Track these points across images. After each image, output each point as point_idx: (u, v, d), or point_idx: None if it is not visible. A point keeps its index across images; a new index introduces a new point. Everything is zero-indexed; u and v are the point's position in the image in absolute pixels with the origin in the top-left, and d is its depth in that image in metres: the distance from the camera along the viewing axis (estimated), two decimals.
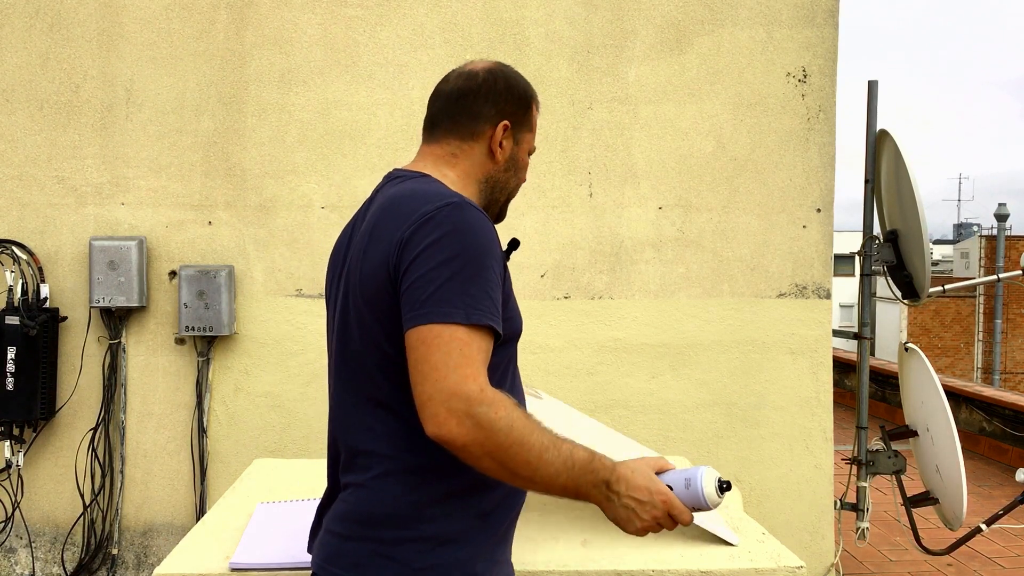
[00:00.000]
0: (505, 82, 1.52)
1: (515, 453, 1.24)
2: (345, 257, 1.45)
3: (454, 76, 1.54)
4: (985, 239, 22.52)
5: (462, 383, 1.22)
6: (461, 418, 1.21)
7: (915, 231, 3.35)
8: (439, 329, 1.24)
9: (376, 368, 1.36)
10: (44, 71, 3.36)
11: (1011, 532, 4.43)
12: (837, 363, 7.01)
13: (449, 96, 1.52)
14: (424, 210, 1.32)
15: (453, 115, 1.51)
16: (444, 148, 1.51)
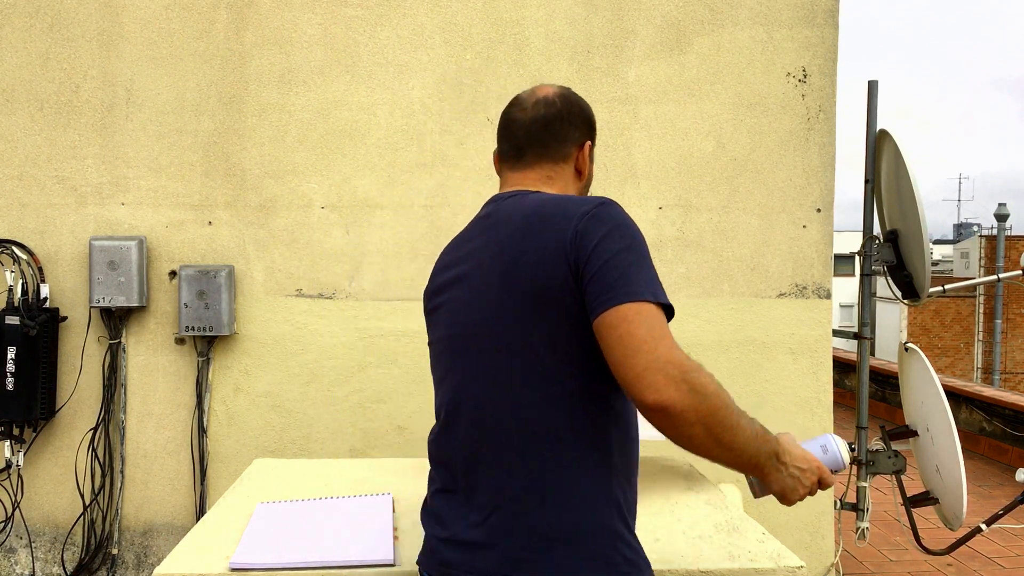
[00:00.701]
0: (579, 105, 1.64)
1: (723, 417, 1.27)
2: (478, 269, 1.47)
3: (530, 105, 1.62)
4: (985, 239, 22.53)
5: (671, 351, 1.26)
6: (679, 384, 1.24)
7: (915, 231, 3.35)
8: (636, 307, 1.29)
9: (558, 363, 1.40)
10: (44, 71, 3.36)
11: (1011, 532, 4.43)
12: (837, 363, 7.02)
13: (534, 124, 1.61)
14: (585, 209, 1.40)
15: (543, 141, 1.61)
16: (538, 172, 1.61)
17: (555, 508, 1.37)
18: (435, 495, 1.51)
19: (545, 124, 1.61)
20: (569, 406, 1.38)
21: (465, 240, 1.56)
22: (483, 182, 3.38)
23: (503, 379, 1.41)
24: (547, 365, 1.38)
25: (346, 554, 1.78)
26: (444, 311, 1.53)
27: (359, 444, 3.41)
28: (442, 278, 1.56)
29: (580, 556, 1.36)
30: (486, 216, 1.55)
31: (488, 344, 1.43)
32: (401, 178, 3.38)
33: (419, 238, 3.39)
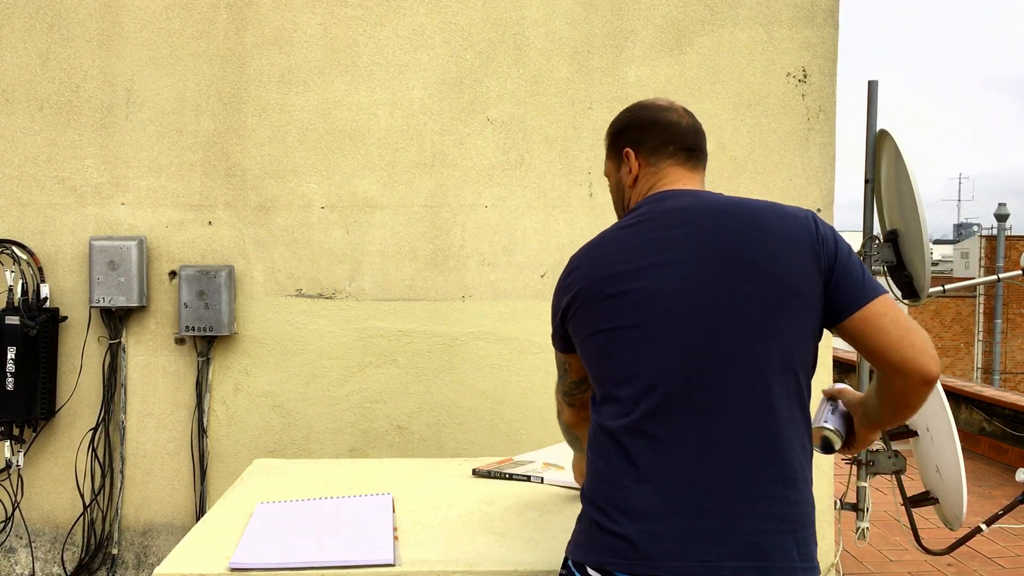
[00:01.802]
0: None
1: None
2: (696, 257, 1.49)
3: (681, 111, 1.75)
4: (985, 239, 22.53)
5: (920, 331, 1.46)
6: (936, 360, 1.44)
7: (915, 231, 3.35)
8: (888, 298, 1.47)
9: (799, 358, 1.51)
10: (44, 71, 3.36)
11: (1011, 532, 4.43)
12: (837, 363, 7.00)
13: (695, 131, 1.76)
14: (806, 212, 1.55)
15: (702, 147, 1.79)
16: (702, 174, 1.79)
17: (800, 492, 1.45)
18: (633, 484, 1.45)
19: (700, 133, 1.78)
20: (801, 395, 1.49)
21: (659, 228, 1.55)
22: (483, 182, 3.38)
23: (745, 366, 1.44)
24: (790, 355, 1.46)
25: (346, 554, 1.78)
26: (648, 294, 1.49)
27: (359, 444, 3.41)
28: (631, 265, 1.52)
29: (813, 537, 1.46)
30: (683, 209, 1.57)
31: (726, 330, 1.45)
32: (401, 178, 3.38)
33: (419, 238, 3.39)
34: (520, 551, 1.90)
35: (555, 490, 2.33)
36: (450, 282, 3.40)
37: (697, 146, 1.75)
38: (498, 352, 3.40)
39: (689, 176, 1.72)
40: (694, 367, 1.44)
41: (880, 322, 1.45)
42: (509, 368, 3.40)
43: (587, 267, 1.57)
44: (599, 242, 1.60)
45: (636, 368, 1.47)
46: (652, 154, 1.69)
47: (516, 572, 1.80)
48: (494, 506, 2.22)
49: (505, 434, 3.40)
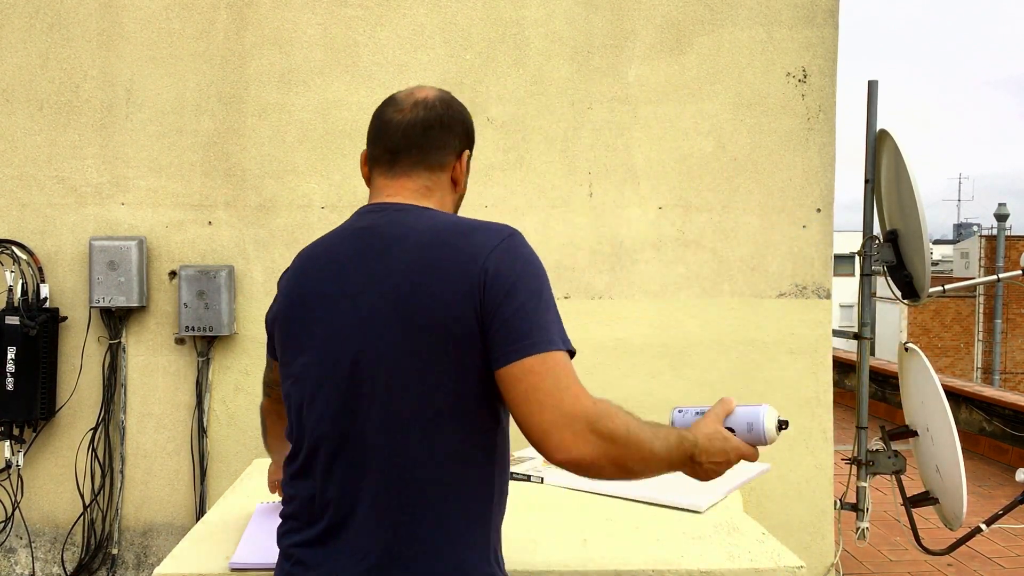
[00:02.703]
0: (460, 111, 1.52)
1: (632, 455, 1.30)
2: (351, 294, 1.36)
3: (408, 106, 1.48)
4: (985, 239, 22.53)
5: (576, 402, 1.25)
6: (586, 437, 1.24)
7: (915, 231, 3.35)
8: (542, 358, 1.27)
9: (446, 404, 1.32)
10: (44, 71, 3.36)
11: (1011, 532, 4.43)
12: (837, 363, 7.02)
13: (412, 127, 1.47)
14: (494, 243, 1.35)
15: (421, 146, 1.47)
16: (415, 182, 1.47)
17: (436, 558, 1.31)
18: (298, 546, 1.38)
19: (424, 128, 1.47)
20: (460, 456, 1.33)
21: (337, 253, 1.41)
22: (483, 182, 3.38)
23: (393, 421, 1.31)
24: (441, 410, 1.30)
25: None
26: (315, 331, 1.38)
27: None
28: (303, 290, 1.42)
29: None
30: (363, 230, 1.41)
31: (378, 379, 1.32)
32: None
33: None
34: (520, 551, 1.90)
35: (555, 490, 2.33)
36: None
37: (402, 147, 1.46)
38: None
39: (395, 186, 1.46)
40: (346, 421, 1.33)
41: (515, 389, 1.26)
42: None
43: (287, 284, 1.48)
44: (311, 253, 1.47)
45: (295, 411, 1.41)
46: (370, 162, 1.51)
47: (516, 572, 1.80)
48: None
49: None
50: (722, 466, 1.45)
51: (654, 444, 1.33)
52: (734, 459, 1.46)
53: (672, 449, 1.37)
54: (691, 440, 1.41)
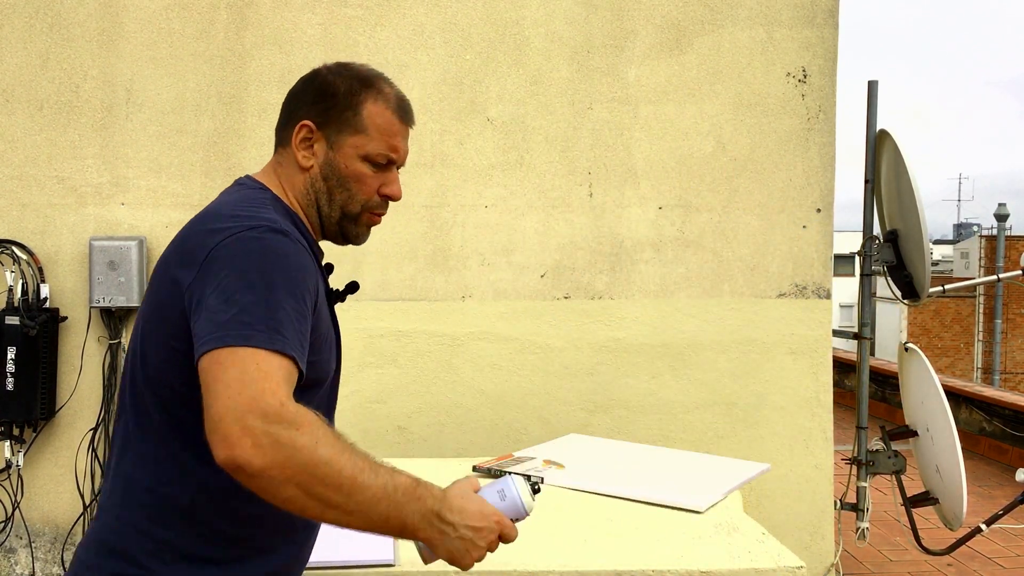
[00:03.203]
0: (322, 80, 1.37)
1: (324, 475, 1.09)
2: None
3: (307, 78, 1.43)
4: (985, 239, 22.53)
5: (259, 397, 1.08)
6: (258, 437, 1.06)
7: (915, 231, 3.35)
8: (235, 349, 1.11)
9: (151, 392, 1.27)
10: (44, 71, 3.36)
11: (1011, 532, 4.43)
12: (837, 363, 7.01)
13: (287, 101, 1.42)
14: (230, 227, 1.23)
15: (280, 123, 1.41)
16: (272, 160, 1.42)
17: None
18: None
19: (286, 101, 1.41)
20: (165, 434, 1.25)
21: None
22: (483, 182, 3.38)
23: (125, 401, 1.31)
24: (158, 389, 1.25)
25: (346, 554, 1.78)
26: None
27: (359, 444, 3.41)
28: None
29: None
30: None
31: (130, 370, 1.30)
32: (401, 178, 3.37)
33: (419, 238, 3.39)
34: (520, 551, 1.90)
35: (555, 490, 2.33)
36: (450, 282, 3.39)
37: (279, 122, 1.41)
38: (498, 352, 3.40)
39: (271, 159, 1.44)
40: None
41: (202, 380, 1.12)
42: (509, 368, 3.40)
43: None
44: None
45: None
46: None
47: (516, 572, 1.80)
48: None
49: (505, 434, 3.39)
50: (481, 535, 1.22)
51: (360, 475, 1.13)
52: (495, 528, 1.24)
53: (399, 491, 1.16)
54: (436, 493, 1.20)
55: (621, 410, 3.41)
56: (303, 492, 1.10)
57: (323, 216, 1.40)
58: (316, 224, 1.41)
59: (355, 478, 1.12)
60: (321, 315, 1.29)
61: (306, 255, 1.26)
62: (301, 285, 1.21)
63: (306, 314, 1.20)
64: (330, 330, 1.36)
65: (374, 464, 1.16)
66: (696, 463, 2.64)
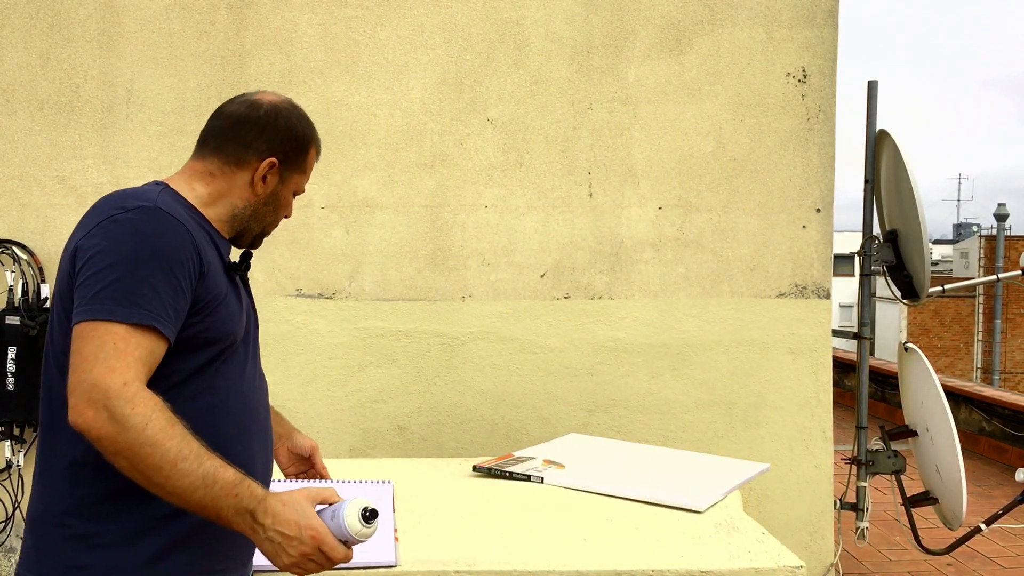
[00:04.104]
0: (286, 122, 1.59)
1: (146, 454, 1.23)
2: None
3: (239, 101, 1.58)
4: (985, 239, 22.52)
5: (106, 375, 1.25)
6: (98, 409, 1.23)
7: (915, 231, 3.35)
8: (97, 324, 1.28)
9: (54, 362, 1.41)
10: (44, 71, 3.36)
11: (1011, 532, 4.43)
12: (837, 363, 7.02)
13: (228, 118, 1.55)
14: (112, 211, 1.37)
15: (226, 138, 1.54)
16: (205, 166, 1.54)
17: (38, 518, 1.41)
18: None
19: (237, 122, 1.55)
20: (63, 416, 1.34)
21: None
22: (483, 182, 3.38)
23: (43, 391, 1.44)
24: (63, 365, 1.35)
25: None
26: None
27: (359, 444, 3.41)
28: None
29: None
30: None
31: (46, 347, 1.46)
32: (401, 178, 3.38)
33: (419, 238, 3.39)
34: (520, 551, 1.90)
35: (555, 490, 2.33)
36: (450, 282, 3.40)
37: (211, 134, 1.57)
38: (498, 352, 3.40)
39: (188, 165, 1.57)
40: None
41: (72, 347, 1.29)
42: (509, 368, 3.40)
43: None
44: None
45: None
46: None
47: (516, 572, 1.80)
48: (494, 506, 2.22)
49: (505, 434, 3.40)
50: (291, 543, 1.27)
51: (182, 463, 1.24)
52: (308, 542, 1.27)
53: (217, 485, 1.26)
54: (257, 493, 1.28)
55: (621, 410, 3.41)
56: (130, 466, 1.25)
57: (246, 229, 1.59)
58: (233, 230, 1.57)
59: (176, 464, 1.25)
60: (210, 283, 1.43)
61: (183, 232, 1.39)
62: (172, 259, 1.35)
63: (178, 286, 1.35)
64: (229, 295, 1.49)
65: (202, 454, 1.27)
66: (696, 463, 2.64)
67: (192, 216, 1.48)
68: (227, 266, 1.53)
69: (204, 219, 1.51)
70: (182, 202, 1.49)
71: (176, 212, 1.42)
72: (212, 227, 1.53)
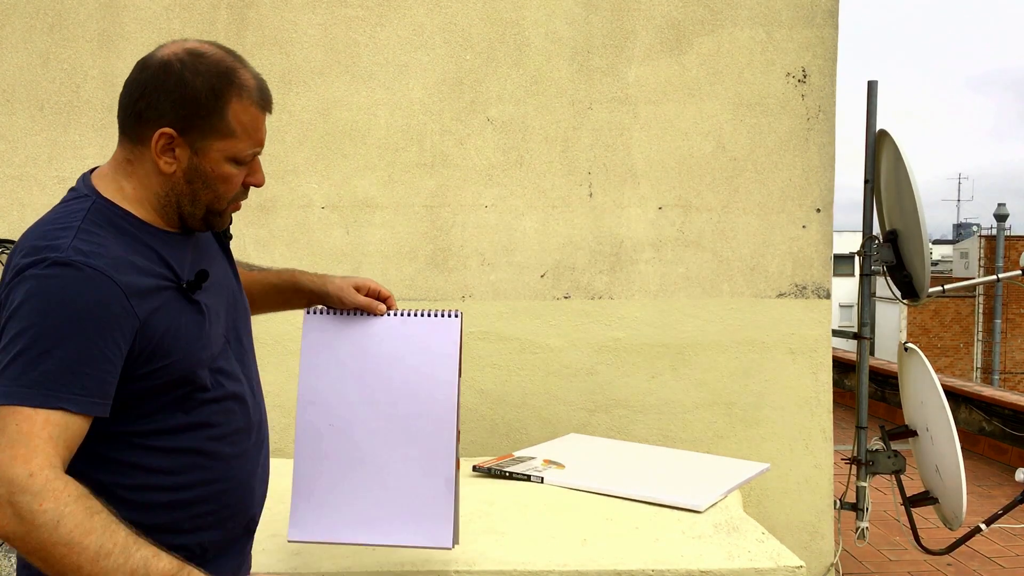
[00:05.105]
0: (178, 78, 1.28)
1: (61, 555, 1.09)
2: None
3: (139, 61, 1.34)
4: (984, 239, 22.52)
5: (10, 465, 1.09)
6: (2, 506, 1.09)
7: (915, 231, 3.35)
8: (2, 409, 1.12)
9: None
10: (44, 71, 3.36)
11: (1011, 532, 4.43)
12: (837, 363, 7.03)
13: (124, 85, 1.33)
14: (24, 262, 1.20)
15: (124, 110, 1.33)
16: (121, 152, 1.34)
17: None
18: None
19: (127, 91, 1.32)
20: None
21: None
22: (483, 182, 3.38)
23: None
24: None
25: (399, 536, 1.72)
26: None
27: None
28: None
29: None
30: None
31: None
32: (401, 178, 3.38)
33: (419, 238, 3.39)
34: (520, 551, 1.90)
35: (555, 490, 2.33)
36: (450, 282, 3.40)
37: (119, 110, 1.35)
38: (498, 352, 3.40)
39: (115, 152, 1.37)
40: None
41: None
42: (509, 368, 3.40)
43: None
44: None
45: None
46: None
47: (516, 572, 1.81)
48: (494, 506, 2.23)
49: (505, 434, 3.40)
50: None
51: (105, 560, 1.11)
52: None
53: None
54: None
55: (621, 410, 3.41)
56: (45, 564, 1.11)
57: (185, 214, 1.36)
58: (174, 219, 1.36)
59: (97, 561, 1.11)
60: (156, 323, 1.26)
61: (103, 286, 1.20)
62: (94, 319, 1.18)
63: (102, 347, 1.18)
64: (184, 322, 1.31)
65: (129, 546, 1.13)
66: (696, 463, 2.64)
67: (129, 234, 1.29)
68: (182, 286, 1.33)
69: (140, 225, 1.32)
70: (116, 215, 1.29)
71: (96, 256, 1.21)
72: (151, 229, 1.33)
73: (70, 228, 1.24)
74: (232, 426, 1.44)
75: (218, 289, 1.45)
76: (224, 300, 1.46)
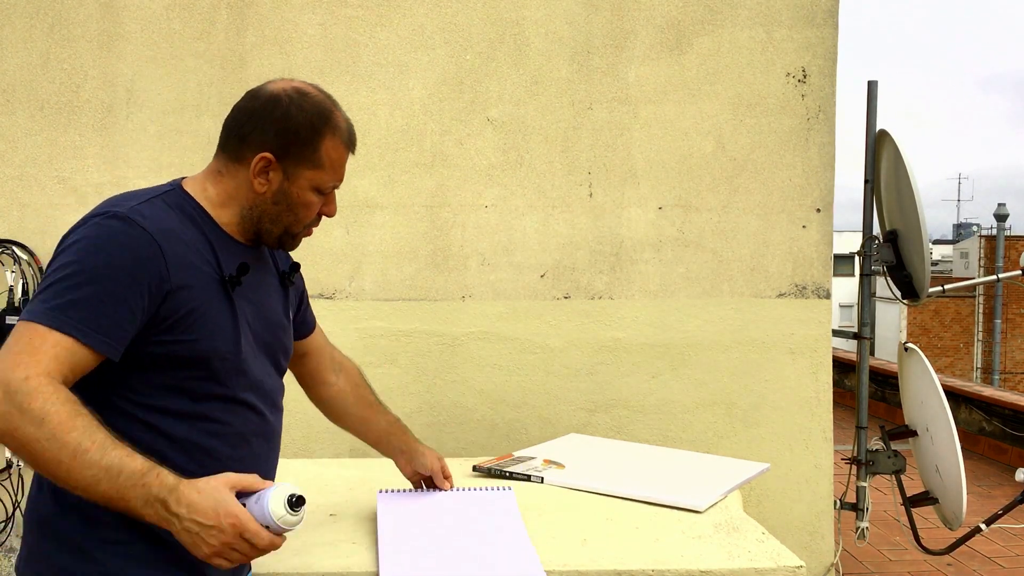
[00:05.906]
0: (284, 112, 1.46)
1: (44, 448, 1.21)
2: None
3: (250, 91, 1.54)
4: (985, 239, 22.53)
5: (11, 368, 1.23)
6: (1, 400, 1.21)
7: (915, 231, 3.35)
8: (24, 323, 1.29)
9: None
10: (44, 71, 3.36)
11: (1011, 532, 4.43)
12: (837, 363, 7.03)
13: (233, 111, 1.54)
14: (90, 213, 1.43)
15: (229, 131, 1.53)
16: (215, 163, 1.53)
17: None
18: None
19: (236, 114, 1.53)
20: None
21: None
22: (483, 182, 3.38)
23: None
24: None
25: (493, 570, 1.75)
26: None
27: (359, 444, 3.39)
28: None
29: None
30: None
31: None
32: (401, 178, 3.38)
33: (419, 238, 3.39)
34: None
35: (555, 490, 2.33)
36: (450, 282, 3.40)
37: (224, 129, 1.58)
38: (498, 352, 3.40)
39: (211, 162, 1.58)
40: None
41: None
42: (509, 368, 3.40)
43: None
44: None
45: None
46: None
47: None
48: None
49: (505, 434, 3.40)
50: (209, 532, 1.21)
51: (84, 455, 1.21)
52: (229, 530, 1.21)
53: (122, 475, 1.21)
54: (167, 482, 1.23)
55: (621, 410, 3.41)
56: (31, 461, 1.24)
57: (263, 230, 1.52)
58: (250, 232, 1.52)
59: (76, 456, 1.21)
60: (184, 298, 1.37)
61: (146, 245, 1.35)
62: (128, 270, 1.33)
63: (127, 296, 1.32)
64: (215, 309, 1.42)
65: (107, 445, 1.23)
66: (696, 463, 2.64)
67: (194, 221, 1.45)
68: (224, 278, 1.44)
69: (213, 223, 1.48)
70: (189, 205, 1.47)
71: (153, 221, 1.38)
72: (222, 231, 1.49)
73: (140, 198, 1.44)
74: (235, 428, 1.47)
75: (259, 310, 1.55)
76: (262, 322, 1.55)
